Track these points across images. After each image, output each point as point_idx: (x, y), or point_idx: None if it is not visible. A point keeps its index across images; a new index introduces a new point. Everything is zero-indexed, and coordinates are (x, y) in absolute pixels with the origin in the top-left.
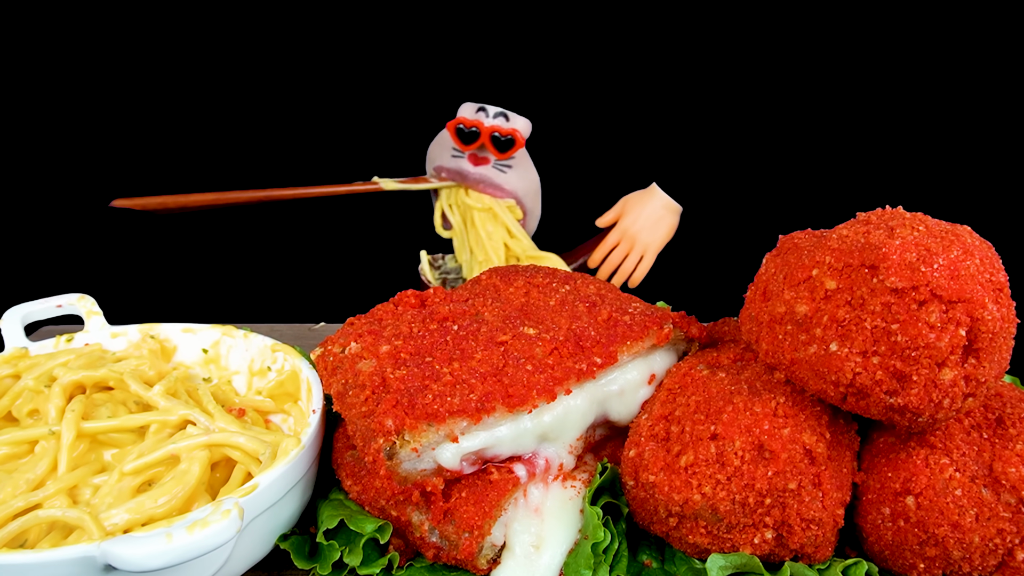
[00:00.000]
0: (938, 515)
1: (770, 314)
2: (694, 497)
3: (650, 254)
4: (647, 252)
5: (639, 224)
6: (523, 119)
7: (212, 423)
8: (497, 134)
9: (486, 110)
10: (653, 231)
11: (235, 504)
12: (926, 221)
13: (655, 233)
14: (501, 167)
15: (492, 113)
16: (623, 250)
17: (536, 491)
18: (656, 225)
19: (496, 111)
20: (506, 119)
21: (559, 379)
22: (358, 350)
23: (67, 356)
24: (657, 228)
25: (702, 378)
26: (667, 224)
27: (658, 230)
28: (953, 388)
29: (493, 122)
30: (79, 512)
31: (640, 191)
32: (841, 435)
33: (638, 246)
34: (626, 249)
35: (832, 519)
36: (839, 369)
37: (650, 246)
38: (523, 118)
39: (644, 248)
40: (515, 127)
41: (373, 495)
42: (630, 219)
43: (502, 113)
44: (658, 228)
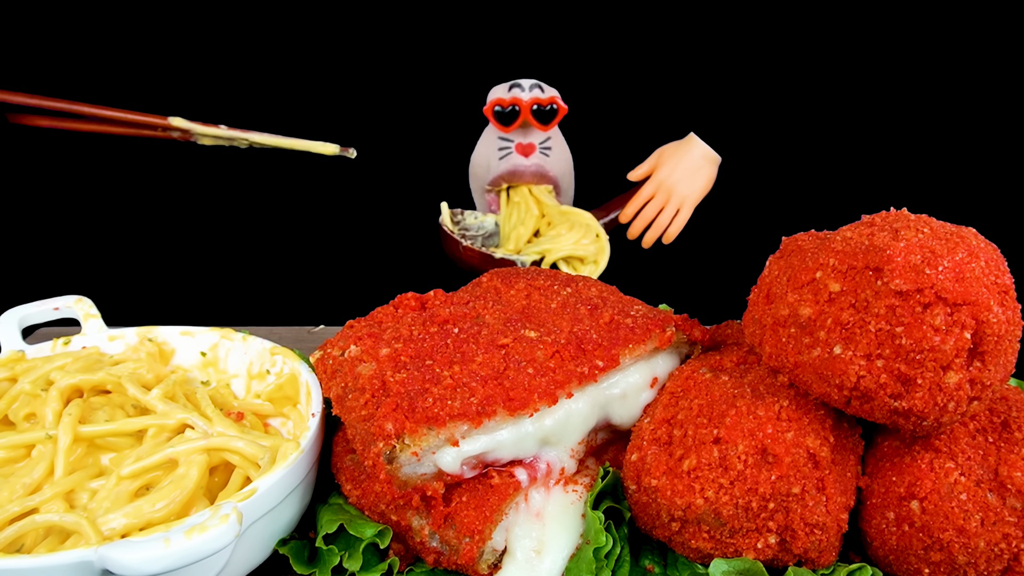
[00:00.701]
0: (943, 520)
1: (773, 317)
2: (697, 501)
3: (687, 207)
4: (684, 205)
5: (676, 175)
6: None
7: (210, 427)
8: (538, 106)
9: (520, 84)
10: (691, 182)
11: (234, 508)
12: (931, 223)
13: (693, 184)
14: (544, 150)
15: (527, 86)
16: (658, 203)
17: (537, 495)
18: (694, 176)
19: (531, 83)
20: (541, 89)
21: (560, 382)
22: (358, 353)
23: (64, 359)
24: (695, 179)
25: (705, 381)
26: (705, 175)
27: (696, 181)
28: (958, 391)
29: (531, 95)
30: (76, 516)
31: (676, 142)
32: (845, 439)
33: (674, 198)
34: (661, 202)
35: (836, 524)
36: (843, 372)
37: (688, 198)
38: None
39: (681, 200)
40: (553, 94)
41: (373, 499)
42: (666, 170)
43: (537, 84)
44: (696, 179)
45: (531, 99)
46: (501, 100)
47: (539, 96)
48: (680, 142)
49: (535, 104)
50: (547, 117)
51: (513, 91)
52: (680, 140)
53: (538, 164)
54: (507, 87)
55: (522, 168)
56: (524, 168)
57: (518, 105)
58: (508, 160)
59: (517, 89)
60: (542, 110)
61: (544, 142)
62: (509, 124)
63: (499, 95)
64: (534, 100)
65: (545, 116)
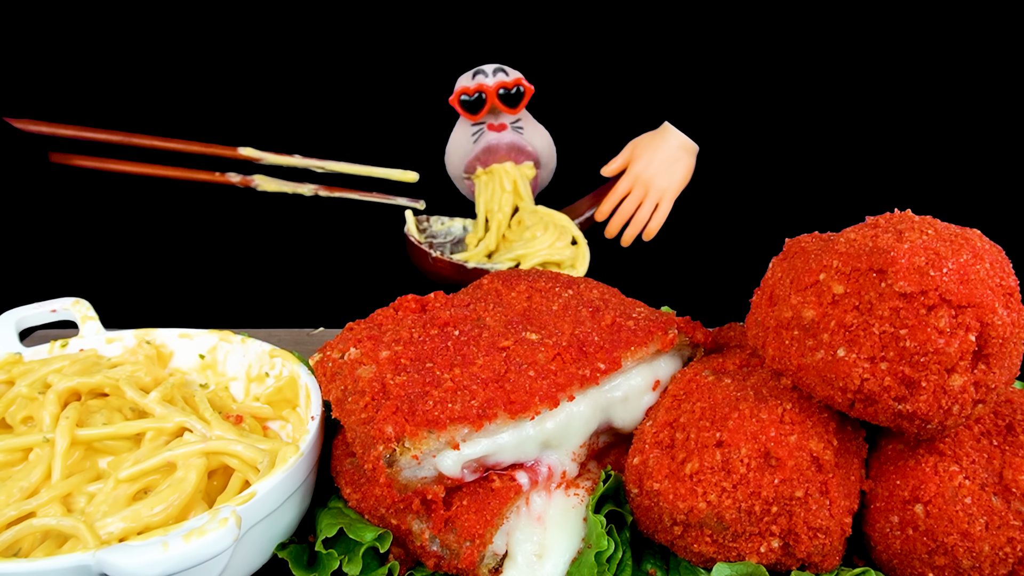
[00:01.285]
0: (947, 524)
1: (776, 319)
2: (699, 505)
3: (667, 200)
4: (663, 198)
5: (653, 168)
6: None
7: (209, 431)
8: (504, 89)
9: (483, 71)
10: (669, 174)
11: (232, 512)
12: (935, 225)
13: (671, 176)
14: (517, 128)
15: (491, 71)
16: (636, 198)
17: (539, 499)
18: (672, 167)
19: (494, 67)
20: (505, 73)
21: (562, 385)
22: (357, 356)
23: (61, 362)
24: (673, 170)
25: (707, 384)
26: (684, 166)
27: (674, 173)
28: (963, 394)
29: (495, 79)
30: (74, 520)
31: (650, 132)
32: (849, 442)
33: (653, 192)
34: (639, 196)
35: (840, 527)
36: (847, 375)
37: (667, 191)
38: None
39: (660, 194)
40: (518, 76)
41: (373, 503)
42: (642, 163)
43: (500, 68)
44: (674, 170)
45: (496, 83)
46: (466, 88)
47: (503, 79)
48: (654, 132)
49: (500, 88)
50: (514, 100)
51: (477, 78)
52: (654, 131)
53: (513, 137)
54: (471, 75)
55: (495, 143)
56: (498, 143)
57: (483, 92)
58: (482, 139)
59: (481, 76)
60: (508, 93)
61: (515, 122)
62: (477, 111)
63: (464, 84)
64: (499, 84)
65: (512, 99)
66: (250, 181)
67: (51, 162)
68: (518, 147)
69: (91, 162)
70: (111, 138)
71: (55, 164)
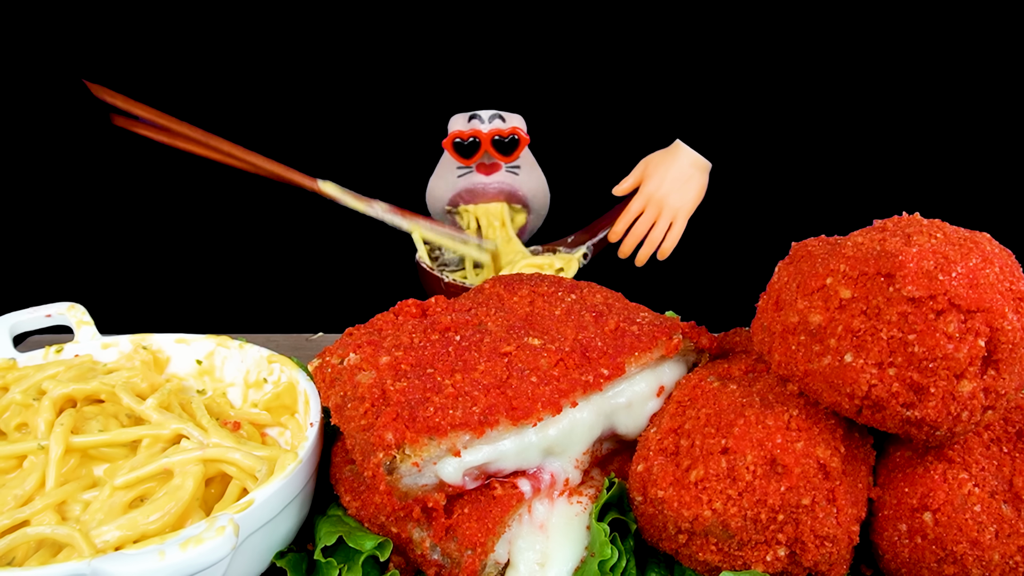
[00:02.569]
0: (956, 532)
1: (783, 324)
2: (704, 513)
3: (680, 219)
4: (677, 217)
5: (666, 186)
6: (517, 116)
7: (206, 438)
8: (499, 137)
9: (479, 116)
10: (682, 193)
11: (230, 520)
12: (944, 228)
13: (685, 195)
14: (512, 169)
15: (487, 117)
16: (650, 217)
17: (541, 507)
18: (685, 186)
19: (490, 114)
20: (502, 120)
21: (565, 391)
22: (357, 361)
23: (56, 368)
24: (687, 189)
25: (712, 390)
26: (697, 184)
27: (688, 191)
28: (972, 400)
29: (491, 126)
30: (69, 529)
31: (662, 150)
32: (856, 449)
33: (667, 211)
34: (653, 216)
35: (847, 536)
36: (854, 381)
37: (680, 209)
38: (516, 115)
39: (674, 213)
40: (515, 124)
41: (373, 511)
42: (654, 182)
43: (497, 115)
44: (688, 189)
45: (491, 131)
46: (460, 133)
47: (499, 127)
48: (666, 150)
49: (495, 135)
50: (508, 148)
51: (472, 123)
52: (666, 148)
53: (500, 181)
54: (466, 118)
55: (481, 185)
56: (484, 186)
57: (478, 137)
58: (467, 178)
59: (476, 121)
60: (502, 141)
61: (511, 164)
62: (470, 156)
63: (458, 127)
64: (494, 132)
65: (506, 148)
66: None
67: (114, 125)
68: (507, 191)
69: (156, 134)
70: (189, 133)
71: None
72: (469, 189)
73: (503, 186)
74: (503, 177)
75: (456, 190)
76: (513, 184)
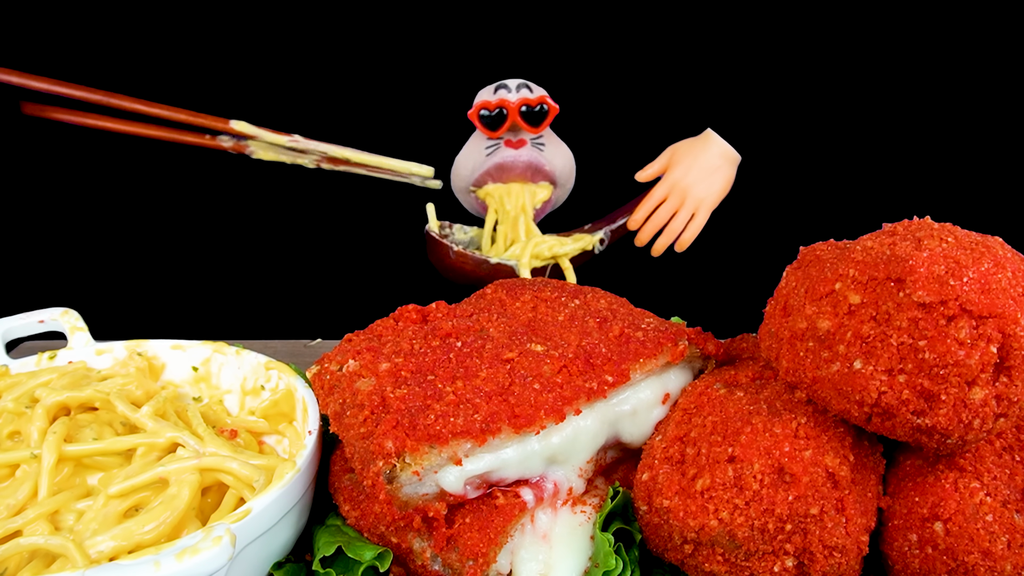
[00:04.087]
0: (968, 542)
1: (791, 330)
2: (711, 523)
3: (703, 211)
4: (700, 208)
5: (691, 176)
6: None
7: (202, 446)
8: (527, 106)
9: (506, 85)
10: (708, 183)
11: (227, 530)
12: (955, 232)
13: (710, 186)
14: (538, 145)
15: (514, 87)
16: (672, 206)
17: (544, 516)
18: (711, 176)
19: (518, 83)
20: (530, 90)
21: (568, 399)
22: (356, 368)
23: (50, 375)
24: (713, 180)
25: (719, 397)
26: (724, 175)
27: (714, 182)
28: (984, 408)
29: (518, 96)
30: (62, 539)
31: (691, 139)
32: (866, 458)
33: (689, 201)
34: (675, 205)
35: (856, 546)
36: (863, 388)
37: (704, 201)
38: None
39: (697, 203)
40: (543, 94)
41: (372, 521)
42: (680, 170)
43: (524, 84)
44: (714, 180)
45: (519, 100)
46: (487, 103)
47: (527, 96)
48: (696, 139)
49: (523, 105)
50: (537, 119)
51: (499, 92)
52: (695, 137)
53: (531, 156)
54: (492, 89)
55: (511, 160)
56: (514, 160)
57: (505, 107)
58: (496, 154)
59: (503, 90)
60: (531, 111)
61: (536, 139)
62: (497, 128)
63: (484, 98)
64: (522, 101)
65: (535, 117)
66: (244, 147)
67: (24, 114)
68: (535, 166)
69: (68, 115)
70: (90, 96)
71: (28, 116)
72: (499, 164)
73: (532, 160)
74: (531, 152)
75: (485, 168)
76: (540, 159)
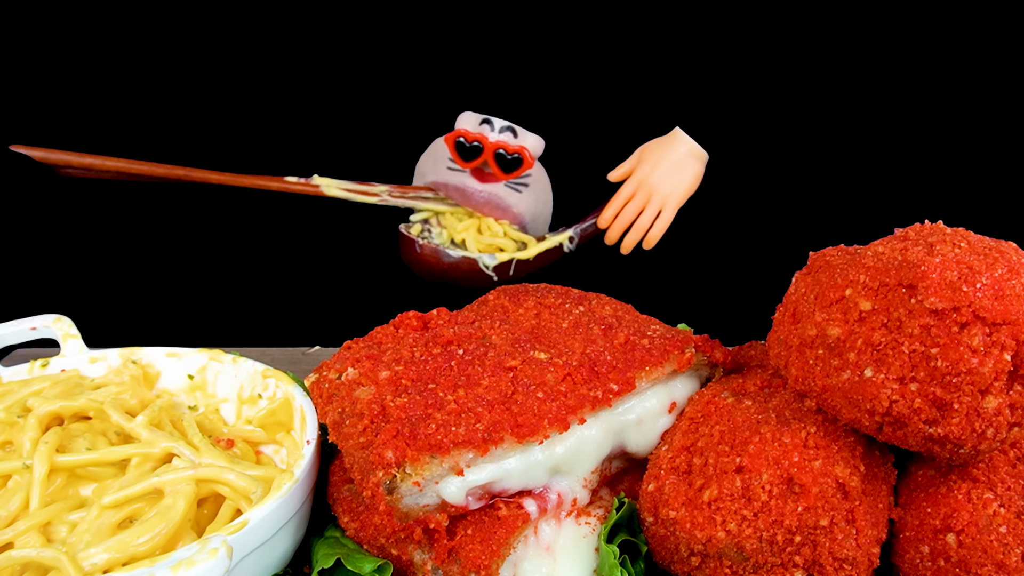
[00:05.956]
0: (981, 554)
1: (800, 337)
2: (718, 534)
3: (670, 207)
4: (666, 204)
5: (657, 172)
6: (534, 136)
7: (198, 457)
8: (503, 151)
9: (491, 123)
10: (674, 180)
11: (223, 542)
12: (968, 237)
13: (677, 182)
14: (515, 186)
15: (498, 127)
16: (639, 203)
17: (548, 528)
18: (677, 173)
19: (503, 125)
20: (514, 135)
21: (572, 407)
22: (355, 376)
23: (42, 383)
24: (679, 176)
25: (727, 406)
26: (691, 172)
27: (681, 179)
28: (997, 417)
29: (499, 137)
30: (55, 551)
31: (660, 138)
32: (876, 468)
33: (656, 197)
34: (642, 202)
35: (867, 558)
36: (874, 396)
37: (670, 197)
38: (534, 135)
39: (663, 200)
40: (523, 144)
41: (372, 532)
42: (647, 167)
43: (509, 128)
44: (680, 176)
45: (496, 142)
46: (466, 133)
47: (507, 142)
48: (663, 138)
49: (500, 148)
50: (509, 166)
51: (482, 127)
52: (663, 136)
53: (492, 192)
54: (477, 120)
55: (471, 190)
56: (474, 191)
57: (482, 143)
58: (459, 177)
59: (486, 126)
60: (504, 157)
61: (520, 179)
62: (468, 160)
63: (465, 126)
64: (500, 144)
65: (507, 164)
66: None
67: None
68: (497, 206)
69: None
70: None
71: None
72: (459, 188)
73: (493, 199)
74: (497, 189)
75: (444, 180)
76: (506, 201)
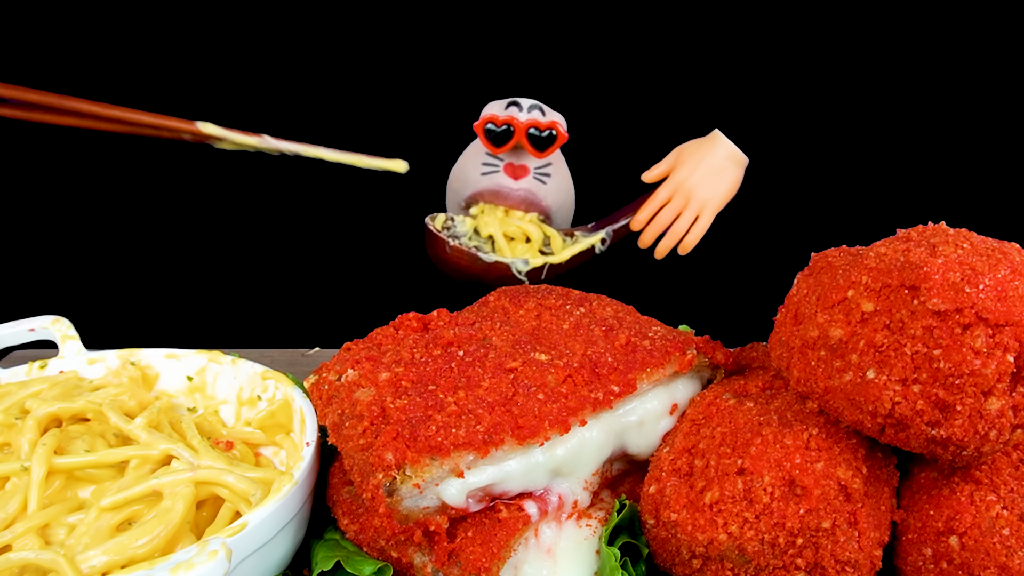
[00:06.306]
0: (984, 556)
1: (802, 339)
2: (720, 537)
3: (708, 213)
4: (704, 210)
5: (696, 176)
6: (557, 113)
7: (197, 459)
8: (535, 129)
9: (519, 104)
10: (713, 185)
11: (222, 544)
12: (971, 238)
13: (716, 187)
14: (540, 176)
15: (526, 107)
16: (676, 207)
17: (548, 530)
18: (717, 178)
19: (530, 103)
20: (542, 112)
21: (573, 409)
22: (355, 378)
23: (40, 385)
24: (718, 182)
25: (728, 408)
26: (730, 177)
27: (719, 184)
28: (1000, 419)
29: (528, 116)
30: (53, 554)
31: (698, 139)
32: (879, 470)
33: (694, 202)
34: (679, 206)
35: (869, 561)
36: (877, 398)
37: (709, 203)
38: (556, 112)
39: (701, 205)
40: (554, 119)
41: (372, 535)
42: (685, 171)
43: (537, 106)
44: (719, 181)
45: (528, 121)
46: (495, 118)
47: (538, 119)
48: (702, 140)
49: (531, 127)
50: (543, 144)
51: (510, 110)
52: (703, 138)
53: (528, 189)
54: (504, 104)
55: (507, 190)
56: (510, 190)
57: (512, 125)
58: (492, 178)
59: (514, 108)
60: (538, 135)
61: (543, 167)
62: (500, 145)
63: (493, 112)
64: (531, 123)
65: (541, 142)
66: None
67: None
68: (530, 201)
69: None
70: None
71: None
72: (494, 191)
73: (528, 194)
74: (530, 184)
75: (479, 188)
76: (538, 194)
